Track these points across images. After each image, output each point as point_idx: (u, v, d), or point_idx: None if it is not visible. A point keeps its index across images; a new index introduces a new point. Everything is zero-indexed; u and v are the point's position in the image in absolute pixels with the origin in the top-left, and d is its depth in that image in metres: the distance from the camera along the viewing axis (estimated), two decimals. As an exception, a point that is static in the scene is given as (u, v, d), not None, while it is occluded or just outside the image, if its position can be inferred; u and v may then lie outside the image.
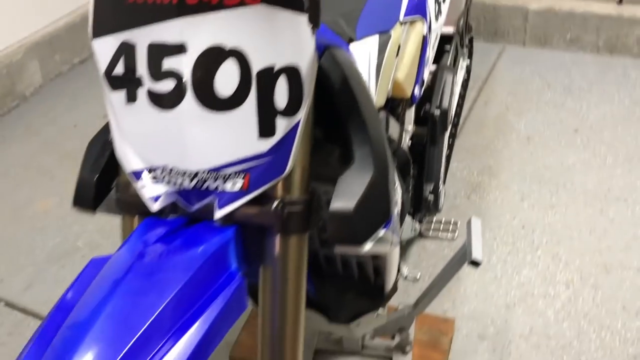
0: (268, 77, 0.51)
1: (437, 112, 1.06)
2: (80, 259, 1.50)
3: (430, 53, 1.04)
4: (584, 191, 1.58)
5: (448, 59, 1.23)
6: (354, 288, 0.81)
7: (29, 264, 1.50)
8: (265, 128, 0.51)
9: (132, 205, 0.60)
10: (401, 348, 1.16)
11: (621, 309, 1.28)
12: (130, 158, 0.56)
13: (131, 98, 0.53)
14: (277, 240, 0.57)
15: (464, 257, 0.98)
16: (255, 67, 0.51)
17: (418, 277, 1.05)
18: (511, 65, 2.11)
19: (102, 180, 0.64)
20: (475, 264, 0.95)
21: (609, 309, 1.28)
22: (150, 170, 0.55)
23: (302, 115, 0.52)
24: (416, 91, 0.98)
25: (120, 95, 0.54)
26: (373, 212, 0.57)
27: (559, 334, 1.24)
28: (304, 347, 1.21)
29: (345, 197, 0.56)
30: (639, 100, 1.89)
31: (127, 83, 0.53)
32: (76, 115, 2.05)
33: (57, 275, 1.47)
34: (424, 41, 0.98)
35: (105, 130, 0.66)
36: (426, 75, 1.04)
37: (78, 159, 1.93)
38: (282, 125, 0.52)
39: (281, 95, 0.51)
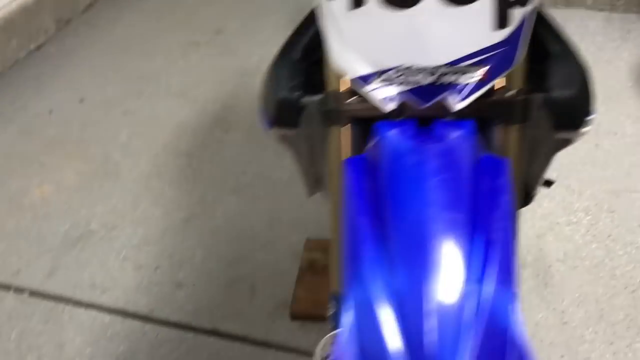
0: None
1: None
2: (99, 241, 1.44)
3: None
4: (576, 129, 1.69)
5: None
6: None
7: (44, 252, 1.42)
8: (501, 19, 0.53)
9: (344, 115, 0.60)
10: (460, 282, 1.21)
11: (638, 227, 1.39)
12: (355, 64, 0.56)
13: (357, 3, 0.53)
14: (503, 130, 0.59)
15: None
16: None
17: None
18: (478, 23, 2.21)
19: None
20: (549, 183, 1.01)
21: (627, 227, 1.39)
22: (380, 73, 0.56)
23: (532, 4, 0.55)
24: None
25: (342, 2, 0.54)
26: (584, 98, 0.61)
27: (590, 255, 1.33)
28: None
29: (563, 85, 0.59)
30: (601, 46, 2.04)
31: None
32: (47, 102, 1.93)
33: (79, 259, 1.40)
34: None
35: (288, 49, 0.65)
36: None
37: (64, 145, 1.83)
38: (515, 15, 0.54)
39: None
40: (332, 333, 0.60)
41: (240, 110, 1.84)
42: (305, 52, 0.64)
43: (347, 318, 0.42)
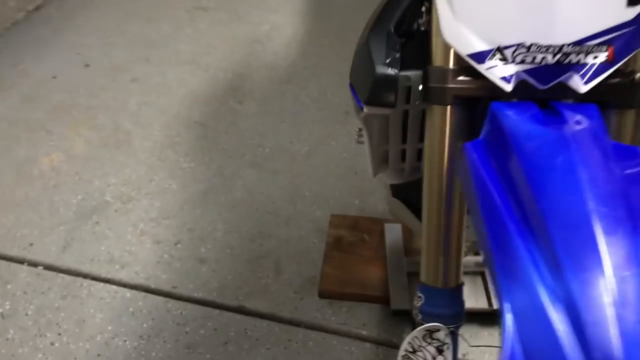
0: None
1: None
2: (115, 214, 1.39)
3: None
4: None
5: None
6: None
7: (57, 224, 1.37)
8: None
9: (451, 92, 0.56)
10: (492, 261, 1.19)
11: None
12: (470, 40, 0.52)
13: None
14: (619, 115, 0.56)
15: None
16: None
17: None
18: None
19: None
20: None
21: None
22: (498, 50, 0.52)
23: None
24: None
25: None
26: None
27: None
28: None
29: None
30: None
31: None
32: (50, 66, 1.86)
33: (95, 232, 1.35)
34: None
35: (381, 22, 0.61)
36: None
37: (71, 112, 1.76)
38: None
39: None
40: (421, 327, 0.57)
41: (254, 80, 1.79)
42: (398, 25, 0.60)
43: (509, 322, 0.38)
